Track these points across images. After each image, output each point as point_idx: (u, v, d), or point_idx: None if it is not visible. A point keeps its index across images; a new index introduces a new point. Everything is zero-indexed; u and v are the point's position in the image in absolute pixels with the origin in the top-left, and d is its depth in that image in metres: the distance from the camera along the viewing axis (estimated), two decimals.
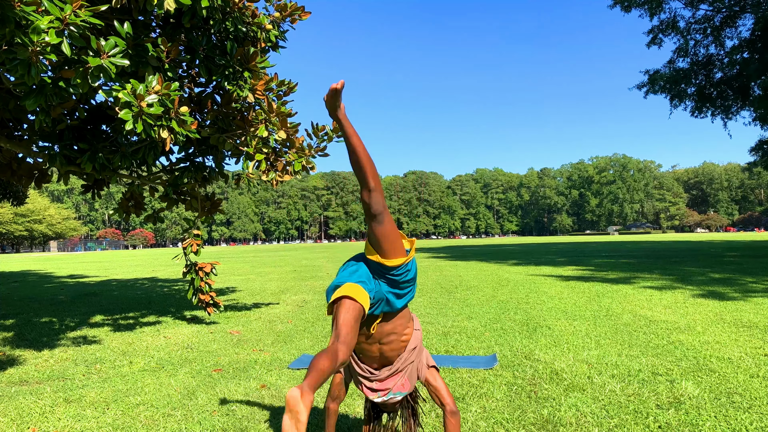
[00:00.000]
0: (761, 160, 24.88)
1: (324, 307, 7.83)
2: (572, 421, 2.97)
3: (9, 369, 4.56)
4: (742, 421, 2.91)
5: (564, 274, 12.52)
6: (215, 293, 6.72)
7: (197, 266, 6.66)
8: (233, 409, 3.32)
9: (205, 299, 6.60)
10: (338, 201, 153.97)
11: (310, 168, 6.41)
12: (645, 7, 22.24)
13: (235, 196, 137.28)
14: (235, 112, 5.75)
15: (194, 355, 4.91)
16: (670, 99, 23.50)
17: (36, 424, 3.18)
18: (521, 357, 4.43)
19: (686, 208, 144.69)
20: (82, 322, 7.09)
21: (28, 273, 19.38)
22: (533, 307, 7.22)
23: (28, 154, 5.25)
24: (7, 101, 4.56)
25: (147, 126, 3.88)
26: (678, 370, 3.93)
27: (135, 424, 3.12)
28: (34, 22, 3.07)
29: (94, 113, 5.34)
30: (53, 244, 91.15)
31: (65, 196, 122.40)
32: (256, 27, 5.23)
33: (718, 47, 22.41)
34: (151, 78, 3.94)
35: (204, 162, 6.43)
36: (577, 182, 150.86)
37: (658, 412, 3.07)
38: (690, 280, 10.33)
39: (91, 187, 6.22)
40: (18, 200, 12.68)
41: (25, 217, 79.83)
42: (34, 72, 3.22)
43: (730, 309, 6.60)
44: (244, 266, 20.00)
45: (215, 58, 4.94)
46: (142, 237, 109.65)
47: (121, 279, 14.94)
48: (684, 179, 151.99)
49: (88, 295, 10.48)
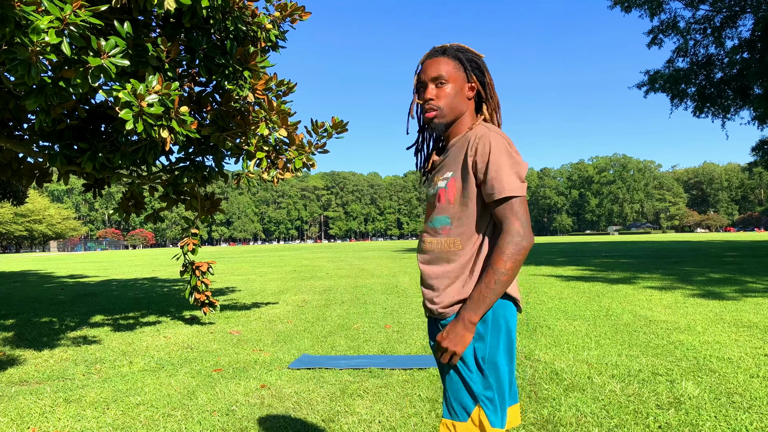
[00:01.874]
0: (762, 160, 24.89)
1: (323, 306, 7.83)
2: (572, 421, 2.97)
3: (9, 369, 4.56)
4: (742, 421, 2.91)
5: (564, 274, 12.52)
6: (211, 293, 6.71)
7: (194, 265, 6.66)
8: (233, 409, 3.32)
9: (200, 299, 6.60)
10: (338, 201, 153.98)
11: (311, 165, 6.41)
12: (645, 8, 22.25)
13: (235, 196, 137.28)
14: (235, 112, 5.75)
15: (194, 355, 4.91)
16: (671, 99, 23.53)
17: (36, 424, 3.17)
18: (521, 357, 4.43)
19: (686, 208, 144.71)
20: (82, 322, 7.09)
21: (28, 273, 19.38)
22: (533, 307, 7.22)
23: (29, 153, 5.25)
24: (7, 101, 4.56)
25: (147, 126, 3.88)
26: (678, 370, 3.93)
27: (135, 424, 3.12)
28: (34, 22, 3.07)
29: (94, 113, 5.34)
30: (53, 244, 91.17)
31: (65, 196, 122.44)
32: (256, 27, 5.24)
33: (718, 47, 22.44)
34: (151, 78, 3.94)
35: (204, 161, 6.43)
36: (577, 182, 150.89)
37: (658, 412, 3.07)
38: (690, 280, 10.33)
39: (92, 186, 6.21)
40: (18, 200, 12.68)
41: (25, 217, 79.87)
42: (34, 72, 3.22)
43: (730, 309, 6.60)
44: (244, 266, 19.99)
45: (215, 58, 4.93)
46: (142, 237, 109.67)
47: (121, 279, 14.94)
48: (684, 179, 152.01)
49: (88, 295, 10.48)
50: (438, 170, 1.59)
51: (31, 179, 5.83)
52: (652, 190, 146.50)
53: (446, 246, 1.52)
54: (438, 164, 1.61)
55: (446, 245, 1.52)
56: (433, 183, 1.60)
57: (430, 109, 1.53)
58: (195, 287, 6.60)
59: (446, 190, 1.51)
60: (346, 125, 6.32)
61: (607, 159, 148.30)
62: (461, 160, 1.49)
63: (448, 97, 1.52)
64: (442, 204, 1.52)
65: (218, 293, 10.16)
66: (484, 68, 1.58)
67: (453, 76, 1.52)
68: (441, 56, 1.54)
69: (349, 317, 6.67)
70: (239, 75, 5.10)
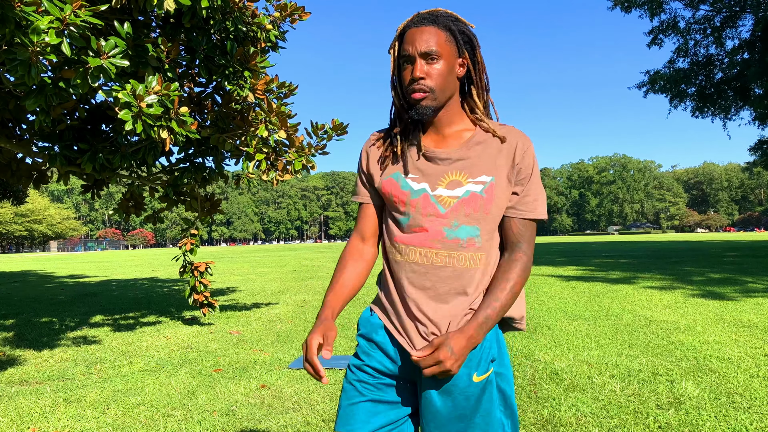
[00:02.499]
0: (761, 159, 24.90)
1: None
2: (572, 421, 2.97)
3: (9, 369, 4.56)
4: (742, 421, 2.91)
5: (564, 274, 12.52)
6: (210, 293, 6.70)
7: (193, 266, 6.66)
8: (233, 409, 3.32)
9: (199, 299, 6.60)
10: (338, 201, 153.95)
11: (311, 167, 6.41)
12: (645, 8, 22.26)
13: (235, 196, 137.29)
14: (235, 113, 5.75)
15: (194, 355, 4.91)
16: (670, 99, 23.53)
17: (36, 424, 3.18)
18: (521, 357, 4.43)
19: (686, 208, 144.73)
20: (82, 322, 7.09)
21: (28, 273, 19.38)
22: (533, 307, 7.22)
23: (28, 154, 5.25)
24: (7, 101, 4.56)
25: (147, 126, 3.88)
26: (678, 370, 3.93)
27: (135, 424, 3.12)
28: (34, 22, 3.07)
29: (94, 113, 5.34)
30: (53, 244, 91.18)
31: (65, 196, 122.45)
32: (256, 27, 5.23)
33: (719, 47, 22.44)
34: (151, 78, 3.94)
35: (204, 162, 6.43)
36: (577, 182, 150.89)
37: (658, 412, 3.07)
38: (690, 280, 10.33)
39: (91, 187, 6.21)
40: (18, 200, 12.68)
41: (25, 217, 79.90)
42: (34, 72, 3.22)
43: (730, 309, 6.60)
44: (244, 266, 19.99)
45: (215, 58, 4.93)
46: (142, 237, 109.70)
47: (121, 279, 14.94)
48: (684, 179, 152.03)
49: (88, 295, 10.48)
50: (454, 166, 1.31)
51: (29, 180, 5.83)
52: (652, 190, 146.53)
53: (469, 262, 1.29)
54: (443, 156, 1.31)
55: (470, 261, 1.29)
56: (443, 180, 1.31)
57: (420, 89, 1.26)
58: (194, 288, 6.60)
59: (483, 197, 1.27)
60: (346, 127, 6.31)
61: (607, 159, 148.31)
62: (504, 164, 1.28)
63: (440, 76, 1.27)
64: (474, 212, 1.27)
65: (218, 293, 10.16)
66: (476, 43, 1.34)
67: (446, 51, 1.27)
68: (431, 26, 1.28)
69: (349, 317, 6.67)
70: (239, 75, 5.10)
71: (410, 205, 1.31)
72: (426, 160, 1.33)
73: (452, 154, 1.31)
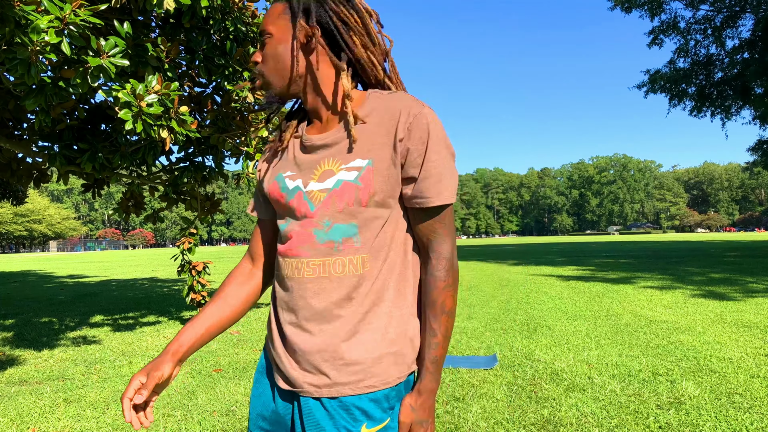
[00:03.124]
0: (760, 159, 24.92)
1: None
2: (572, 421, 2.97)
3: (9, 369, 4.55)
4: (743, 421, 2.90)
5: (564, 274, 12.51)
6: (207, 293, 6.70)
7: (191, 265, 6.66)
8: (233, 409, 3.32)
9: (196, 298, 6.60)
10: None
11: None
12: (645, 8, 22.27)
13: (235, 196, 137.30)
14: (234, 112, 5.75)
15: (194, 355, 4.90)
16: (669, 99, 23.55)
17: (36, 424, 3.17)
18: (521, 357, 4.43)
19: (686, 208, 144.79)
20: (81, 322, 7.08)
21: (28, 273, 19.38)
22: (533, 307, 7.22)
23: (28, 154, 5.25)
24: (7, 101, 4.55)
25: (147, 126, 3.88)
26: (678, 370, 3.93)
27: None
28: (34, 21, 3.07)
29: (94, 113, 5.33)
30: (53, 244, 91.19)
31: (65, 196, 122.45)
32: (256, 27, 5.23)
33: (719, 47, 22.45)
34: (151, 78, 3.94)
35: (204, 162, 6.43)
36: (578, 182, 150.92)
37: (659, 413, 3.06)
38: (690, 280, 10.32)
39: (91, 186, 6.21)
40: (18, 200, 12.68)
41: (25, 217, 79.90)
42: (34, 72, 3.22)
43: (731, 309, 6.60)
44: None
45: (215, 58, 4.93)
46: (141, 237, 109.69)
47: (120, 279, 14.94)
48: (684, 179, 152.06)
49: (87, 295, 10.48)
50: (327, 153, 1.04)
51: (29, 179, 5.83)
52: (652, 190, 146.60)
53: (351, 269, 1.00)
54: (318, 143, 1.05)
55: (351, 267, 1.00)
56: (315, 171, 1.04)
57: (256, 78, 1.08)
58: (191, 287, 6.61)
59: (358, 185, 0.98)
60: None
61: (607, 159, 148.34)
62: (384, 142, 0.99)
63: (270, 57, 1.05)
64: (349, 206, 0.99)
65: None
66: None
67: (277, 27, 1.04)
68: (276, 1, 1.07)
69: None
70: (239, 75, 5.10)
71: (287, 208, 1.07)
72: (302, 152, 1.08)
73: (327, 139, 1.05)
